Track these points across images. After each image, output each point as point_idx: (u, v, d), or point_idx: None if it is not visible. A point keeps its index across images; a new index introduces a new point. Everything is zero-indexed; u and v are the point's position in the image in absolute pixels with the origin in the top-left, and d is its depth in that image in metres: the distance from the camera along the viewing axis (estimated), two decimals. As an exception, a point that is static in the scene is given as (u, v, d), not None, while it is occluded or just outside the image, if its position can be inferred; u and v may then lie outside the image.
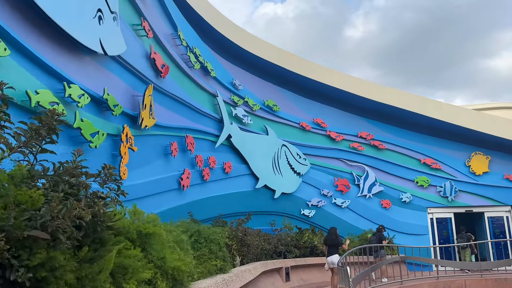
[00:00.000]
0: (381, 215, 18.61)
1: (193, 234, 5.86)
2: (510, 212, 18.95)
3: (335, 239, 11.39)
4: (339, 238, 11.55)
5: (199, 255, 5.49)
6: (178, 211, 10.35)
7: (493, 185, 18.98)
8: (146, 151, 9.27)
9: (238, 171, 14.42)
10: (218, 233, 6.26)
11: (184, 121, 11.62)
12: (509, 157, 19.39)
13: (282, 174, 16.36)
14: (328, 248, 11.43)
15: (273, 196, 15.81)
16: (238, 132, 14.55)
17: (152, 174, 9.49)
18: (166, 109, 10.60)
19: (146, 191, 9.01)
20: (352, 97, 18.22)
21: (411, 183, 19.19)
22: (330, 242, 11.41)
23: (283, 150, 16.59)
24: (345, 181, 18.33)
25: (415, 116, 18.68)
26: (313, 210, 17.17)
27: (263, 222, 14.18)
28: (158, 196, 9.68)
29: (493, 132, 18.10)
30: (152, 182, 9.42)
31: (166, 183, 10.13)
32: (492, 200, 18.88)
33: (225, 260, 5.94)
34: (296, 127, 17.62)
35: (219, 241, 5.96)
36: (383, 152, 19.29)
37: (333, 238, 11.46)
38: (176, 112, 11.19)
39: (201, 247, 5.71)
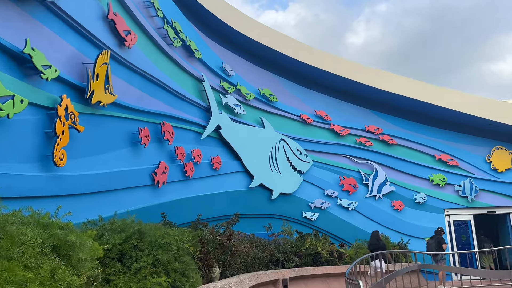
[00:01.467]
0: (392, 218, 16.65)
1: (130, 237, 4.00)
2: (538, 213, 16.91)
3: (377, 243, 11.37)
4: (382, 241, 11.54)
5: (137, 269, 3.66)
6: (151, 212, 8.49)
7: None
8: (103, 135, 7.44)
9: (229, 167, 12.55)
10: (174, 236, 4.36)
11: (160, 106, 9.80)
12: (535, 152, 17.41)
13: (281, 172, 14.47)
14: (372, 251, 11.27)
15: (270, 197, 13.91)
16: (228, 123, 12.71)
17: (112, 165, 7.66)
18: (135, 87, 8.79)
19: (101, 185, 7.18)
20: (358, 86, 16.37)
21: (425, 182, 17.23)
22: (373, 246, 11.41)
23: (281, 145, 14.72)
24: (351, 180, 16.41)
25: (429, 107, 16.78)
26: (316, 213, 15.25)
27: (259, 227, 12.28)
28: (121, 192, 7.84)
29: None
30: (112, 175, 7.59)
31: (133, 177, 8.29)
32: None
33: (184, 275, 4.10)
34: (296, 120, 15.76)
35: (175, 247, 4.10)
36: (394, 148, 17.37)
37: (375, 242, 11.45)
38: (148, 93, 9.37)
39: (142, 256, 3.86)
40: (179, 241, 4.33)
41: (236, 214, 8.87)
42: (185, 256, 4.29)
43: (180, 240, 4.37)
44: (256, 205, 13.35)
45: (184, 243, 4.36)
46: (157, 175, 8.97)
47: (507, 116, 16.26)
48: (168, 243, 4.12)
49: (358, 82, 16.10)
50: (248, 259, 8.66)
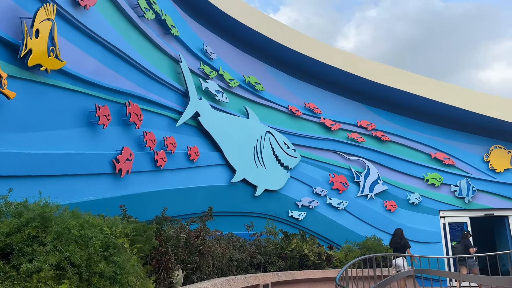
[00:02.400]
0: (385, 219, 15.57)
1: (27, 225, 2.73)
2: (538, 216, 15.98)
3: (400, 241, 11.31)
4: (406, 239, 11.42)
5: (31, 271, 2.42)
6: (111, 204, 7.20)
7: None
8: (49, 108, 6.18)
9: (208, 159, 11.32)
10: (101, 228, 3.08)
11: (126, 84, 8.54)
12: (535, 152, 16.50)
13: (266, 166, 13.27)
14: (394, 250, 11.37)
15: (253, 194, 12.71)
16: (209, 110, 11.49)
17: (61, 145, 6.40)
18: (94, 58, 7.53)
19: (44, 168, 5.91)
20: (351, 78, 15.29)
21: (420, 182, 16.20)
22: (395, 245, 11.42)
23: (267, 138, 13.53)
24: (342, 178, 15.28)
25: (424, 103, 15.77)
26: (303, 212, 14.08)
27: (240, 226, 11.07)
28: (70, 179, 6.58)
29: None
30: (60, 158, 6.32)
31: (88, 162, 7.03)
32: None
33: (116, 281, 2.89)
34: (283, 112, 14.60)
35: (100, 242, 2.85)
36: (387, 144, 16.32)
37: (397, 240, 11.39)
38: (112, 68, 8.12)
39: (43, 252, 2.64)
40: (110, 234, 3.12)
41: (210, 208, 7.65)
42: (120, 255, 3.08)
43: (113, 234, 3.15)
44: (238, 202, 12.13)
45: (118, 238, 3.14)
46: (119, 162, 7.71)
47: (508, 113, 15.30)
48: (89, 236, 2.88)
49: (352, 73, 15.02)
50: (223, 261, 7.44)
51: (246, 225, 10.41)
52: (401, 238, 11.46)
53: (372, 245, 13.04)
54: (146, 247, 4.42)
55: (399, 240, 11.34)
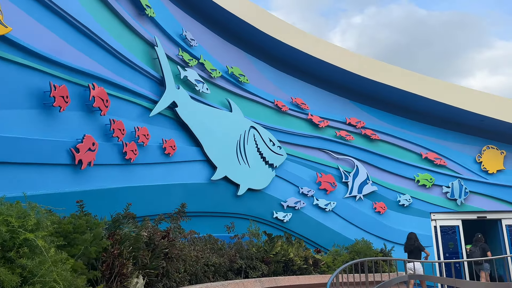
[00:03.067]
0: (374, 221, 14.81)
1: None
2: (531, 219, 15.44)
3: (414, 244, 11.52)
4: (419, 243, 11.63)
5: None
6: (69, 200, 6.23)
7: (509, 185, 15.46)
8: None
9: (185, 154, 10.37)
10: (5, 217, 2.18)
11: (90, 64, 7.58)
12: (528, 152, 15.99)
13: (250, 164, 12.38)
14: (408, 254, 11.67)
15: (236, 193, 11.79)
16: (187, 101, 10.56)
17: (4, 128, 5.40)
18: (51, 31, 6.55)
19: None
20: (340, 73, 14.54)
21: (410, 182, 15.51)
22: (410, 248, 11.63)
23: (251, 134, 12.64)
24: (330, 177, 14.48)
25: (415, 100, 15.14)
26: (289, 213, 13.21)
27: (220, 227, 10.13)
28: (18, 169, 5.58)
29: None
30: (2, 142, 5.33)
31: (39, 149, 6.03)
32: (511, 204, 15.34)
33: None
34: (269, 107, 13.73)
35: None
36: (376, 143, 15.60)
37: (412, 243, 11.58)
38: (73, 45, 7.16)
39: None
40: (18, 227, 2.21)
41: (182, 205, 6.71)
42: (35, 257, 2.18)
43: (21, 226, 2.22)
44: (218, 202, 11.20)
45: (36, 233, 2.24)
46: (79, 152, 6.72)
47: (501, 112, 14.75)
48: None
49: (340, 67, 14.26)
50: (198, 266, 6.50)
51: (226, 226, 9.48)
52: (415, 241, 11.73)
53: (362, 249, 12.21)
54: (93, 249, 3.49)
55: (413, 242, 11.63)
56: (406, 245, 11.92)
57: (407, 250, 11.95)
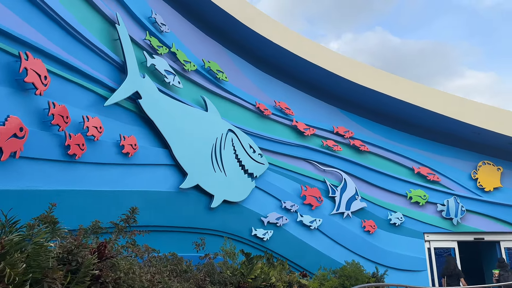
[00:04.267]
0: (363, 242, 13.30)
1: None
2: (532, 242, 14.23)
3: (453, 270, 11.42)
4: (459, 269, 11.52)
5: None
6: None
7: (508, 204, 14.28)
8: None
9: (149, 156, 8.69)
10: None
11: (27, 30, 5.92)
12: (526, 169, 14.92)
13: (226, 172, 10.75)
14: (447, 279, 11.54)
15: (209, 205, 10.11)
16: (154, 93, 8.93)
17: None
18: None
19: None
20: (326, 77, 13.23)
21: (402, 199, 14.14)
22: (448, 273, 11.50)
23: (229, 138, 11.07)
24: (315, 191, 12.95)
25: (406, 109, 13.94)
26: (269, 231, 11.56)
27: (189, 245, 8.38)
28: None
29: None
30: None
31: None
32: (511, 225, 14.12)
33: None
34: (250, 109, 12.22)
35: None
36: (366, 156, 14.24)
37: (451, 269, 11.51)
38: (5, 3, 5.50)
39: None
40: None
41: (132, 208, 5.01)
42: None
43: None
44: (188, 215, 9.49)
45: None
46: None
47: (498, 124, 13.66)
48: None
49: (328, 70, 12.95)
50: (151, 295, 4.79)
51: (195, 243, 7.76)
52: (455, 267, 11.69)
53: (352, 273, 10.64)
54: None
55: (453, 268, 11.58)
56: (445, 270, 11.78)
57: (445, 274, 11.89)
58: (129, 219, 4.77)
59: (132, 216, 4.79)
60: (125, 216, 4.87)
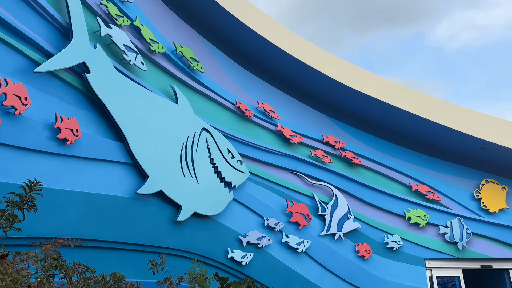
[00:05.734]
0: (356, 268, 11.38)
1: None
2: (544, 271, 12.62)
3: None
4: None
5: None
6: None
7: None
8: None
9: (97, 148, 6.69)
10: None
11: None
12: (533, 189, 13.52)
13: (198, 179, 8.79)
14: None
15: (175, 218, 8.07)
16: (108, 70, 7.03)
17: None
18: None
19: None
20: (316, 78, 11.63)
21: (400, 220, 12.40)
22: None
23: (203, 138, 9.18)
24: (303, 207, 11.08)
25: (402, 119, 12.41)
26: (249, 253, 9.54)
27: (145, 267, 6.29)
28: None
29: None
30: None
31: None
32: (521, 251, 12.53)
33: None
34: (229, 108, 10.42)
35: None
36: (358, 170, 12.55)
37: None
38: None
39: None
40: None
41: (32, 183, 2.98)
42: None
43: None
44: (147, 228, 7.43)
45: None
46: None
47: (505, 138, 12.29)
48: None
49: (316, 70, 11.34)
50: None
51: (150, 262, 5.69)
52: None
53: (349, 305, 8.75)
54: None
55: None
56: None
57: None
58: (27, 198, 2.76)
59: (34, 188, 2.78)
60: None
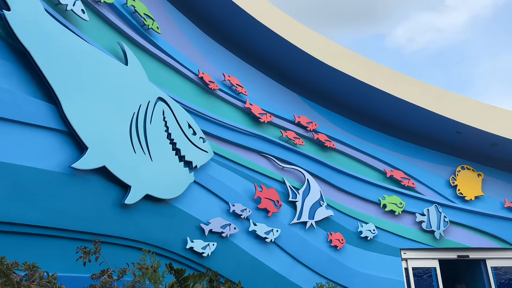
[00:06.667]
0: (329, 260, 10.40)
1: None
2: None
3: None
4: None
5: None
6: None
7: (494, 215, 12.21)
8: None
9: (21, 108, 5.25)
10: None
11: None
12: (509, 176, 13.06)
13: (152, 155, 7.46)
14: None
15: (122, 200, 6.71)
16: (36, 11, 5.58)
17: None
18: None
19: None
20: (288, 51, 10.54)
21: (375, 207, 11.54)
22: None
23: (159, 109, 7.84)
24: (273, 193, 9.95)
25: (378, 100, 11.57)
26: (212, 243, 8.31)
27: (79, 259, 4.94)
28: None
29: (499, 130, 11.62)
30: None
31: None
32: (498, 240, 11.98)
33: None
34: (190, 79, 9.12)
35: None
36: (332, 154, 11.58)
37: None
38: None
39: None
40: None
41: None
42: None
43: None
44: (85, 211, 6.05)
45: None
46: None
47: (482, 120, 11.69)
48: None
49: (287, 41, 10.20)
50: None
51: (81, 249, 4.36)
52: None
53: (325, 301, 7.71)
54: None
55: None
56: None
57: None
58: None
59: None
60: None
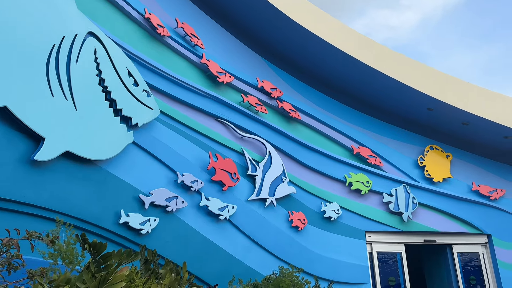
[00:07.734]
0: (290, 242, 9.23)
1: None
2: (486, 247, 11.58)
3: None
4: None
5: None
6: None
7: (462, 198, 11.58)
8: None
9: None
10: None
11: None
12: (477, 159, 12.48)
13: (76, 103, 5.82)
14: None
15: (31, 155, 5.06)
16: None
17: None
18: None
19: None
20: (252, 7, 9.12)
21: (340, 186, 10.49)
22: None
23: (88, 46, 6.17)
24: (229, 164, 8.58)
25: (350, 69, 10.46)
26: (154, 219, 6.84)
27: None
28: None
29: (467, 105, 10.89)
30: None
31: None
32: (466, 224, 11.34)
33: None
34: (133, 18, 7.47)
35: None
36: (296, 126, 10.38)
37: None
38: None
39: None
40: None
41: None
42: None
43: None
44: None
45: None
46: None
47: (455, 96, 10.92)
48: None
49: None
50: None
51: None
52: None
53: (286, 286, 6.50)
54: None
55: None
56: None
57: None
58: None
59: None
60: None
